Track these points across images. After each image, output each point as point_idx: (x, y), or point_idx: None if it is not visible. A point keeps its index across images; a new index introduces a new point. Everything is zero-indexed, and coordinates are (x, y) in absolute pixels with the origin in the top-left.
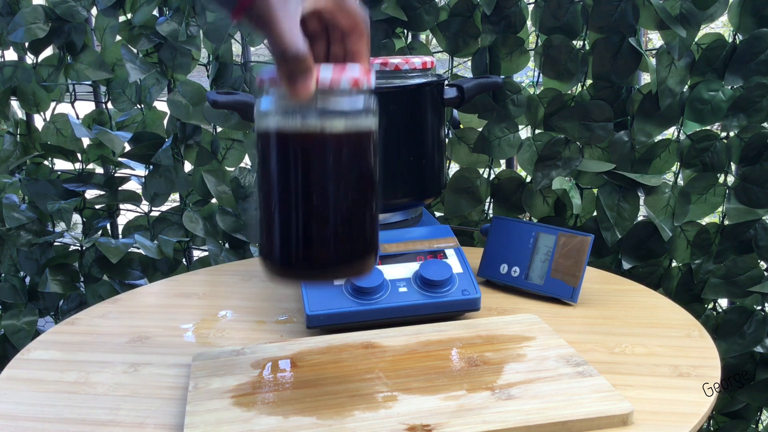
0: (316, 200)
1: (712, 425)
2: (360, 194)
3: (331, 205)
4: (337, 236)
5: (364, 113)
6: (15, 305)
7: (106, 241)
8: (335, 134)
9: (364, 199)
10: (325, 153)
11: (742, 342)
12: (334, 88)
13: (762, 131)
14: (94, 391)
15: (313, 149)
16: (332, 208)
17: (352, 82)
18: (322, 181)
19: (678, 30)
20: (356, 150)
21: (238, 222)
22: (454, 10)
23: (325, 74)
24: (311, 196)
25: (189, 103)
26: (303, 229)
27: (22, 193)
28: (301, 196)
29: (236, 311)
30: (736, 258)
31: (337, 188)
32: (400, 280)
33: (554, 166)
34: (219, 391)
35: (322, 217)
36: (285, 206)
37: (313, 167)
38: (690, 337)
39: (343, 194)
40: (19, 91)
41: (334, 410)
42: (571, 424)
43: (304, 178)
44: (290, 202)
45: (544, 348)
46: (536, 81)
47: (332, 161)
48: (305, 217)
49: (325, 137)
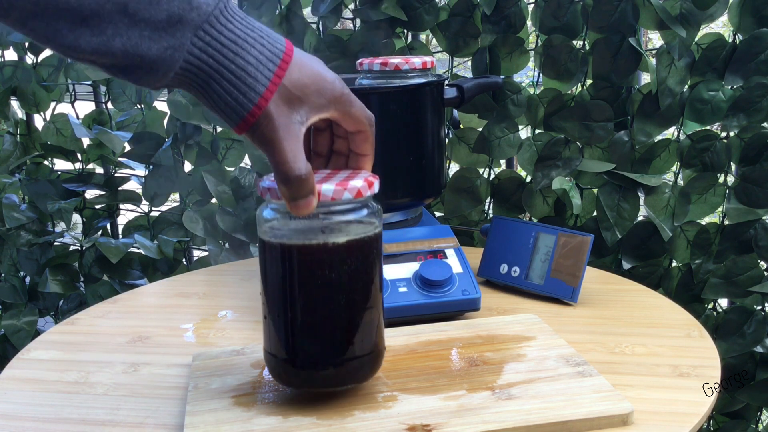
0: (317, 307)
1: (712, 425)
2: (363, 299)
3: (333, 312)
4: (340, 343)
5: (366, 222)
6: (15, 305)
7: (106, 241)
8: (337, 245)
9: (367, 303)
10: (328, 262)
11: (742, 342)
12: (336, 200)
13: (762, 131)
14: (94, 391)
15: (315, 259)
16: (335, 316)
17: (355, 193)
18: (324, 289)
19: (678, 30)
20: (358, 257)
21: (238, 222)
22: (454, 10)
23: (328, 188)
24: (313, 302)
25: (189, 103)
26: (303, 335)
27: (22, 193)
28: (302, 302)
29: (236, 311)
30: (736, 258)
31: (339, 296)
32: (400, 280)
33: (554, 166)
34: (219, 391)
35: (324, 324)
36: (286, 311)
37: (315, 276)
38: (690, 337)
39: (346, 301)
40: (19, 91)
41: (334, 410)
42: (571, 424)
43: (306, 285)
44: (292, 307)
45: (544, 348)
46: (536, 81)
47: (335, 270)
48: (306, 323)
49: (327, 248)
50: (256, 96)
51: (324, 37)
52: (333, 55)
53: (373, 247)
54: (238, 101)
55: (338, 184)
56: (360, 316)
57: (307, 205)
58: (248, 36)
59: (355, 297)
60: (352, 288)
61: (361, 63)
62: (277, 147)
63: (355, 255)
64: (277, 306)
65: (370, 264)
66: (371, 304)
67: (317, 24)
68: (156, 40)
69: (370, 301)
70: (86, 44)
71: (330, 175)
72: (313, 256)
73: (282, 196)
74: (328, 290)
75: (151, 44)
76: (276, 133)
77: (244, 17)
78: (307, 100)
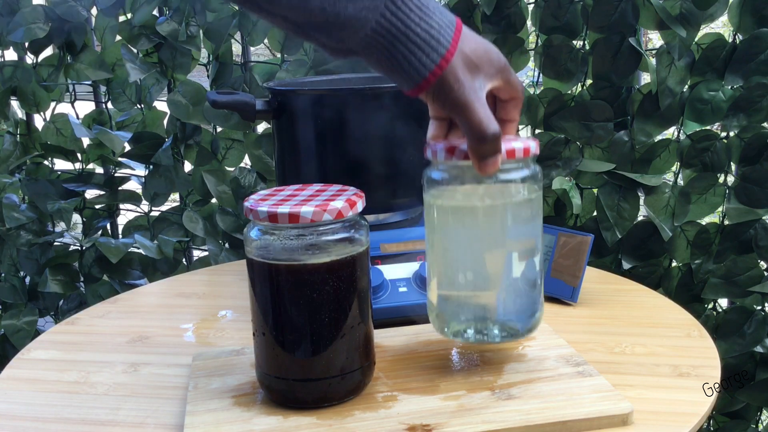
0: (304, 324)
1: (712, 425)
2: (351, 315)
3: (320, 329)
4: (327, 360)
5: (354, 240)
6: (15, 305)
7: (106, 241)
8: (323, 264)
9: (356, 319)
10: (314, 281)
11: (742, 342)
12: (317, 221)
13: (762, 131)
14: (94, 391)
15: (301, 278)
16: (322, 332)
17: (336, 214)
18: (312, 306)
19: (678, 30)
20: (344, 275)
21: (238, 222)
22: (454, 10)
23: (307, 211)
24: (301, 320)
25: (189, 103)
26: (290, 352)
27: (22, 193)
28: (289, 320)
29: (236, 311)
30: (736, 258)
31: (327, 312)
32: (400, 280)
33: (554, 166)
34: (219, 391)
35: (311, 340)
36: (273, 329)
37: (302, 294)
38: (690, 337)
39: (334, 317)
40: (19, 91)
41: (334, 410)
42: (571, 424)
43: (293, 304)
44: (280, 325)
45: (544, 348)
46: (536, 81)
47: (321, 288)
48: (293, 341)
49: (312, 267)
50: (438, 57)
51: None
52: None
53: (359, 265)
54: (421, 61)
55: (318, 206)
56: (348, 332)
57: (495, 163)
58: (429, 3)
59: (343, 313)
60: (340, 304)
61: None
62: (470, 107)
63: (340, 273)
64: (265, 323)
65: (357, 280)
66: (360, 319)
67: None
68: (353, 1)
69: (359, 316)
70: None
71: (316, 194)
72: (299, 274)
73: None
74: (316, 307)
75: (347, 4)
76: (468, 96)
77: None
78: (483, 69)
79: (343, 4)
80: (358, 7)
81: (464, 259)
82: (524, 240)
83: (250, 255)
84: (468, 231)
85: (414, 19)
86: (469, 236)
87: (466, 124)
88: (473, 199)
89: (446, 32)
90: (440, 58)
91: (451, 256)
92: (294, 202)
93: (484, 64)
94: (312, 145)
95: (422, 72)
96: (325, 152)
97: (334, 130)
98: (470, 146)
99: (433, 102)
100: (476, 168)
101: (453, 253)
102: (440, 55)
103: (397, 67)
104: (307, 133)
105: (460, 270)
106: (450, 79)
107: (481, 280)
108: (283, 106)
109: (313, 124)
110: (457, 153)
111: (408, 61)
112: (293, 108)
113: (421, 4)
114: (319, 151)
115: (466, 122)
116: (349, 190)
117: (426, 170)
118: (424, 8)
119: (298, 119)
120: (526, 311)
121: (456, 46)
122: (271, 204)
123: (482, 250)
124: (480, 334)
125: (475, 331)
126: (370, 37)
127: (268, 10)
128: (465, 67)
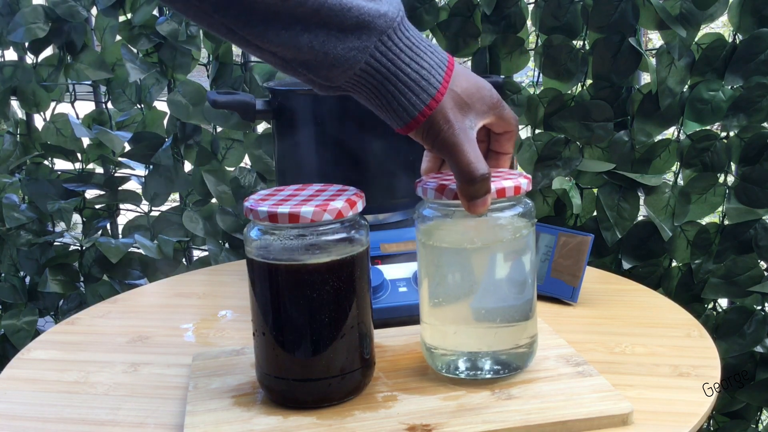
0: (304, 324)
1: (712, 425)
2: (351, 315)
3: (320, 329)
4: (327, 360)
5: (354, 240)
6: (15, 305)
7: (106, 241)
8: (323, 264)
9: (355, 319)
10: (314, 281)
11: (742, 342)
12: (317, 221)
13: (762, 131)
14: (94, 391)
15: (301, 278)
16: (322, 332)
17: (336, 214)
18: (311, 306)
19: (678, 30)
20: (344, 275)
21: (238, 222)
22: (454, 10)
23: (307, 210)
24: (300, 320)
25: (189, 103)
26: (290, 352)
27: (22, 193)
28: (289, 320)
29: (236, 311)
30: (736, 258)
31: (326, 313)
32: (400, 280)
33: (554, 166)
34: (219, 391)
35: (311, 341)
36: (273, 329)
37: (302, 294)
38: (690, 337)
39: (334, 318)
40: (19, 91)
41: (334, 410)
42: (571, 423)
43: (292, 303)
44: (279, 325)
45: (544, 348)
46: (536, 81)
47: (320, 288)
48: (292, 341)
49: (312, 267)
50: (428, 97)
51: None
52: None
53: (359, 265)
54: (410, 102)
55: (318, 206)
56: (348, 332)
57: (484, 204)
58: (421, 44)
59: (343, 313)
60: (340, 304)
61: None
62: (459, 149)
63: (340, 273)
64: (265, 323)
65: (357, 280)
66: (360, 319)
67: None
68: (342, 41)
69: (359, 316)
70: (275, 36)
71: (316, 194)
72: (299, 274)
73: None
74: (316, 307)
75: (337, 43)
76: (457, 137)
77: (414, 29)
78: (474, 107)
79: (333, 44)
80: (348, 47)
81: (455, 296)
82: (516, 277)
83: (250, 255)
84: (458, 269)
85: (404, 60)
86: (459, 275)
87: (455, 166)
88: (463, 241)
89: (437, 72)
90: (430, 99)
91: (442, 292)
92: (294, 202)
93: (476, 102)
94: (312, 145)
95: (411, 112)
96: (325, 152)
97: (334, 130)
98: (459, 187)
99: (423, 141)
100: (465, 208)
101: (444, 290)
102: (430, 96)
103: (386, 105)
104: (307, 133)
105: (451, 306)
106: (439, 119)
107: (471, 316)
108: (283, 106)
109: (313, 124)
110: (447, 192)
111: (397, 101)
112: (293, 108)
113: (411, 44)
114: (319, 151)
115: (455, 164)
116: (349, 190)
117: (418, 205)
118: (415, 48)
119: (298, 119)
120: (518, 345)
121: (446, 86)
122: (271, 204)
123: (473, 289)
124: (472, 370)
125: (467, 368)
126: (359, 76)
127: (257, 45)
128: (455, 106)
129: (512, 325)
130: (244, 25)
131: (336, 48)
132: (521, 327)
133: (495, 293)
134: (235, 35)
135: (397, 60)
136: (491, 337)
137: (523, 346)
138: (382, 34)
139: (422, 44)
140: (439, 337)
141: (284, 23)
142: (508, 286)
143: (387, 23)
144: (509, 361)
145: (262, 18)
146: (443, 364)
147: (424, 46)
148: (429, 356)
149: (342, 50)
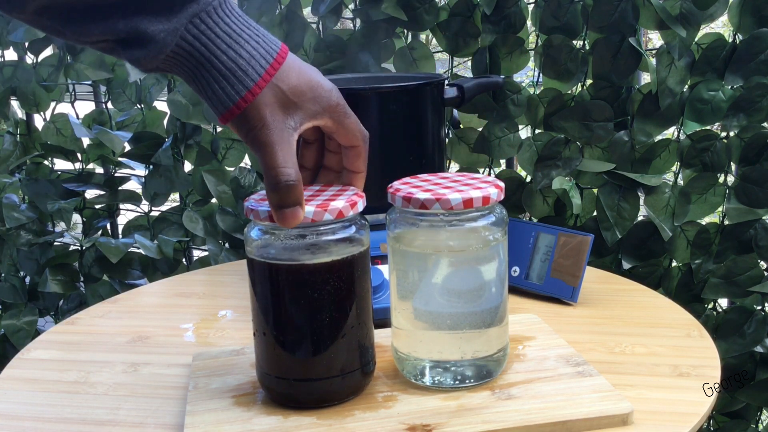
0: (304, 324)
1: (712, 425)
2: (352, 315)
3: (321, 329)
4: (329, 359)
5: (355, 240)
6: (15, 305)
7: (106, 241)
8: (324, 264)
9: (356, 319)
10: (314, 281)
11: (742, 342)
12: (318, 221)
13: (762, 131)
14: (94, 390)
15: (301, 278)
16: (323, 333)
17: (336, 214)
18: (312, 306)
19: (678, 30)
20: (345, 275)
21: (238, 222)
22: (454, 10)
23: (308, 210)
24: (301, 320)
25: (189, 103)
26: (290, 352)
27: (22, 193)
28: (289, 320)
29: (236, 311)
30: (736, 258)
31: (327, 313)
32: None
33: (554, 166)
34: (219, 391)
35: (312, 340)
36: (274, 329)
37: (302, 294)
38: (690, 337)
39: (335, 318)
40: (19, 91)
41: (334, 410)
42: (571, 424)
43: (293, 304)
44: (280, 325)
45: (544, 348)
46: (536, 81)
47: (321, 288)
48: (293, 341)
49: (313, 267)
50: (244, 89)
51: (324, 37)
52: (333, 55)
53: (358, 264)
54: (225, 91)
55: (319, 206)
56: (348, 332)
57: (293, 216)
58: (243, 32)
59: (343, 313)
60: (340, 304)
61: None
62: (268, 150)
63: (340, 273)
64: (266, 323)
65: (357, 280)
66: (361, 319)
67: (317, 24)
68: (153, 23)
69: (359, 316)
70: (95, 28)
71: (316, 194)
72: (299, 274)
73: (269, 204)
74: (317, 307)
75: (148, 26)
76: (270, 137)
77: (242, 15)
78: (302, 106)
79: (145, 26)
80: (158, 29)
81: (421, 301)
82: (474, 285)
83: (251, 255)
84: (420, 274)
85: (220, 46)
86: (421, 280)
87: (263, 168)
88: (427, 248)
89: (257, 64)
90: (246, 91)
91: (407, 296)
92: None
93: (306, 101)
94: None
95: (226, 102)
96: None
97: None
98: (267, 194)
99: (239, 135)
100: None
101: (407, 294)
102: (246, 88)
103: (202, 92)
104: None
105: (413, 311)
106: (254, 114)
107: (434, 321)
108: None
109: None
110: (414, 202)
111: (212, 88)
112: None
113: (231, 30)
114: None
115: (262, 165)
116: (350, 190)
117: (389, 211)
118: (236, 36)
119: None
120: (488, 355)
121: (269, 79)
122: None
123: (432, 294)
124: (440, 376)
125: (431, 376)
126: (173, 59)
127: (83, 40)
128: (276, 103)
129: (479, 331)
130: (67, 23)
131: (147, 30)
132: (487, 335)
133: (455, 299)
134: (63, 33)
135: (210, 45)
136: (455, 345)
137: (494, 355)
138: (194, 17)
139: (247, 32)
140: (405, 342)
141: (103, 14)
142: (469, 293)
143: (201, 6)
144: (477, 370)
145: (83, 14)
146: (409, 369)
147: (249, 34)
148: (398, 361)
149: (152, 32)
